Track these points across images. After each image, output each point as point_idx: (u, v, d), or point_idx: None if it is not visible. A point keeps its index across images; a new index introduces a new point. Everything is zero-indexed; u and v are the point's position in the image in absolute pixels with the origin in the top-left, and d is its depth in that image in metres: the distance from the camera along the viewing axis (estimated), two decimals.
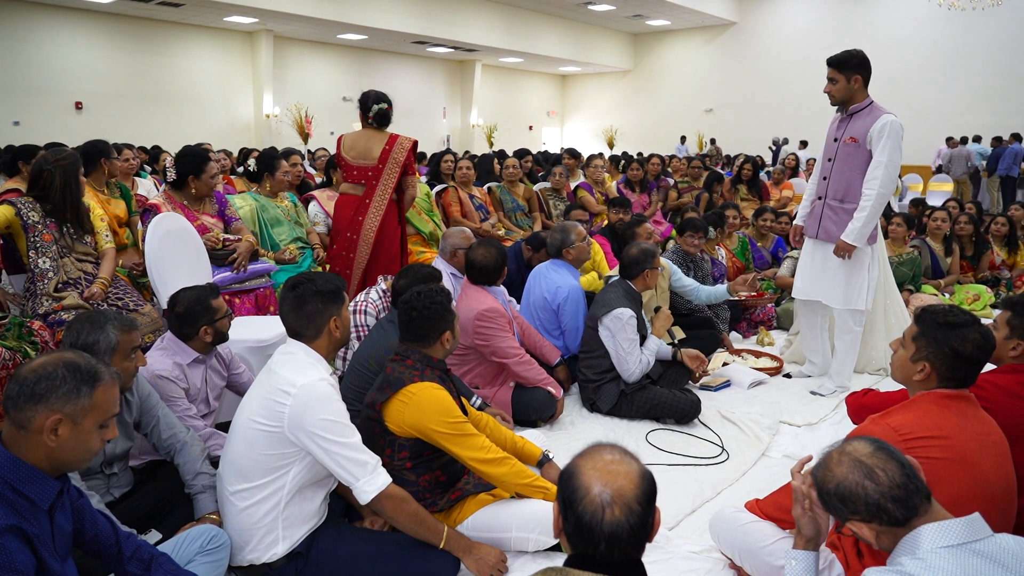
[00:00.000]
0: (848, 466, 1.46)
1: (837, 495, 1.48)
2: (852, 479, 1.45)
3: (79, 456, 1.52)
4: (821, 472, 1.52)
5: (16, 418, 1.45)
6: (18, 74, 13.04)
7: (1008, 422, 1.97)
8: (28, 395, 1.44)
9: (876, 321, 4.34)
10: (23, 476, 1.44)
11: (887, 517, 1.43)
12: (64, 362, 1.49)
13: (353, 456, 2.04)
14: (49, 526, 1.50)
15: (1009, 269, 6.26)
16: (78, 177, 3.27)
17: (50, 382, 1.45)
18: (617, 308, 3.50)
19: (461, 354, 3.49)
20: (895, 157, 3.53)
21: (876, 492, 1.42)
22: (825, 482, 1.50)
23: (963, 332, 1.87)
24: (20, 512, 1.43)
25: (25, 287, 3.25)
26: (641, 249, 3.68)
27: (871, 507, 1.43)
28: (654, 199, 7.35)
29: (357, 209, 4.16)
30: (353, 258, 4.19)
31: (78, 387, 1.47)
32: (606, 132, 22.12)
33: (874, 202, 3.57)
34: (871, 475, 1.43)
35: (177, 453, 2.33)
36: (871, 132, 3.56)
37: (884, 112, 3.59)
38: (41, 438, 1.45)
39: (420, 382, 2.26)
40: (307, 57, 17.31)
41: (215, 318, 2.64)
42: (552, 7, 17.94)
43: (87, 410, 1.48)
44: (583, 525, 1.23)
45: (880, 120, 3.55)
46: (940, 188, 13.24)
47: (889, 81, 16.08)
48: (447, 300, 2.39)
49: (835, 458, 1.50)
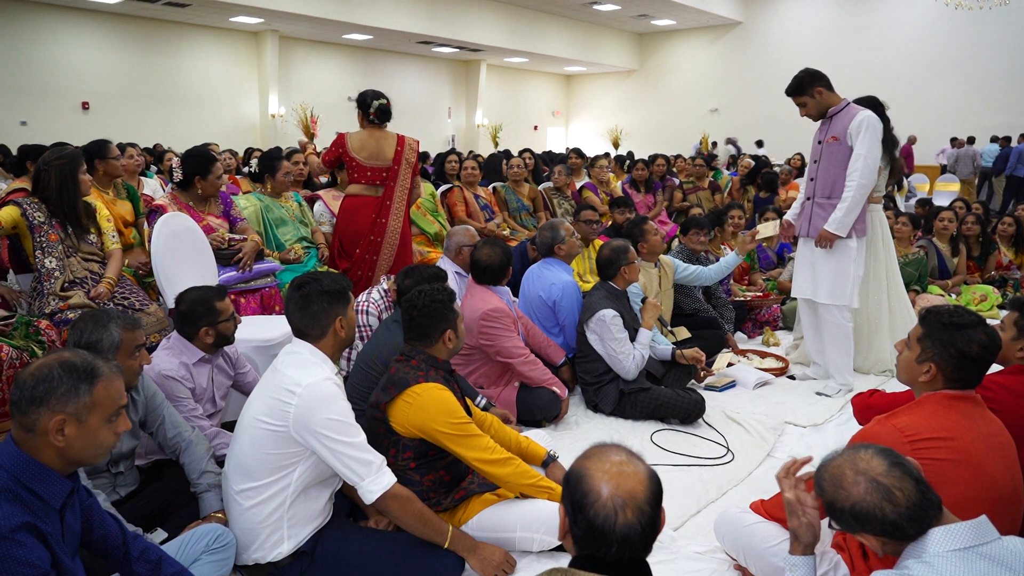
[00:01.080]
0: (865, 487, 1.43)
1: (852, 514, 1.44)
2: (870, 501, 1.42)
3: (92, 452, 1.53)
4: (833, 490, 1.48)
5: (22, 422, 1.47)
6: (25, 74, 13.09)
7: (1014, 423, 1.96)
8: (29, 399, 1.45)
9: (881, 322, 4.33)
10: (36, 475, 1.46)
11: (901, 534, 1.41)
12: (60, 362, 1.49)
13: (358, 456, 2.04)
14: (60, 525, 1.52)
15: (1018, 269, 6.23)
16: (76, 177, 3.23)
17: (48, 384, 1.46)
18: (599, 310, 3.50)
19: (466, 354, 3.49)
20: (874, 150, 3.67)
21: (894, 514, 1.40)
22: (839, 500, 1.46)
23: (969, 333, 1.86)
24: (34, 511, 1.44)
25: (32, 286, 3.26)
26: (612, 248, 3.69)
27: (887, 527, 1.41)
28: (659, 199, 7.34)
29: (379, 211, 4.18)
30: (376, 260, 4.19)
31: (76, 386, 1.48)
32: (611, 132, 22.09)
33: (855, 192, 3.69)
34: (890, 496, 1.40)
35: (182, 452, 2.34)
36: (850, 128, 3.70)
37: (861, 109, 3.74)
38: (49, 439, 1.46)
39: (425, 383, 2.27)
40: (312, 57, 17.33)
41: (217, 320, 2.63)
42: (557, 7, 17.92)
43: (90, 407, 1.49)
44: (595, 529, 1.22)
45: (858, 116, 3.69)
46: (947, 188, 13.19)
47: (895, 80, 16.06)
48: (449, 299, 2.39)
49: (850, 477, 1.45)
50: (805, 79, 3.81)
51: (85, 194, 3.32)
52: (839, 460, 1.49)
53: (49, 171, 3.21)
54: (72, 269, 3.24)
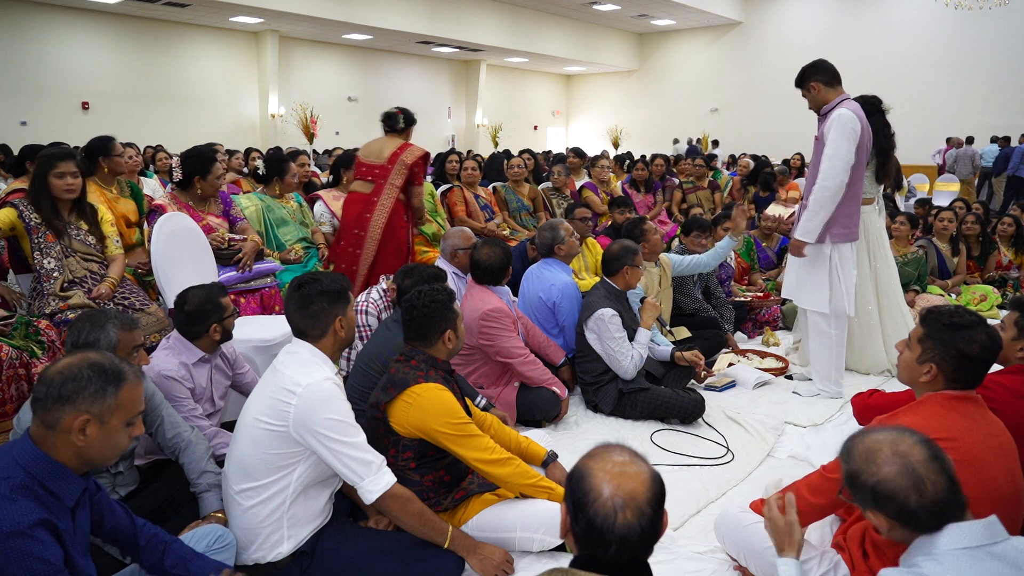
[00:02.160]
0: (898, 469, 1.40)
1: (874, 491, 1.42)
2: (898, 484, 1.39)
3: (107, 454, 1.56)
4: (863, 462, 1.44)
5: (45, 419, 1.49)
6: (25, 74, 13.09)
7: (1015, 423, 1.96)
8: (56, 396, 1.48)
9: (872, 323, 4.32)
10: (53, 474, 1.49)
11: (915, 524, 1.40)
12: (89, 363, 1.52)
13: (358, 456, 2.04)
14: (72, 523, 1.54)
15: (1018, 268, 6.23)
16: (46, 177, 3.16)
17: (77, 383, 1.49)
18: (598, 309, 3.50)
19: (466, 354, 3.49)
20: (840, 149, 3.49)
21: (917, 503, 1.38)
22: (865, 474, 1.43)
23: (969, 333, 1.86)
24: (49, 508, 1.47)
25: (31, 287, 3.26)
26: (621, 246, 3.68)
27: (905, 513, 1.39)
28: (659, 199, 7.34)
29: (365, 206, 4.22)
30: (360, 255, 4.22)
31: (104, 387, 1.51)
32: (611, 132, 22.11)
33: (816, 195, 3.54)
34: (919, 486, 1.38)
35: (182, 452, 2.34)
36: (825, 127, 3.58)
37: (840, 107, 3.56)
38: (70, 437, 1.49)
39: (425, 383, 2.26)
40: (312, 57, 17.33)
41: (224, 316, 2.66)
42: (557, 7, 17.92)
43: (113, 409, 1.52)
44: (594, 528, 1.23)
45: (832, 114, 3.55)
46: (946, 188, 13.19)
47: (895, 80, 16.04)
48: (449, 299, 2.39)
49: (886, 455, 1.42)
50: (806, 72, 3.72)
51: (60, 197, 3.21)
52: (879, 436, 1.46)
53: (35, 171, 3.22)
54: (71, 269, 3.23)
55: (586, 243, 4.91)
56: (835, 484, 1.95)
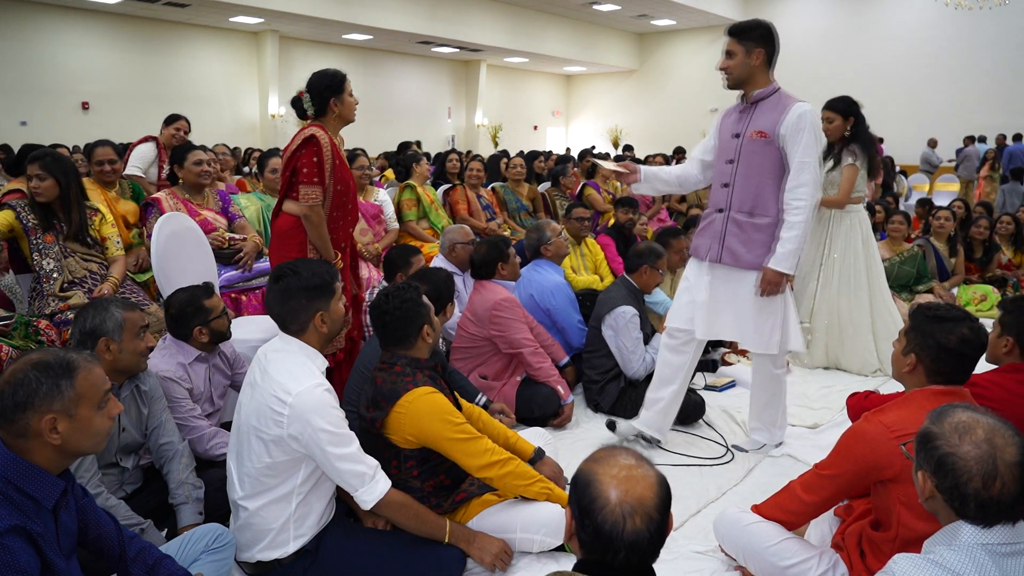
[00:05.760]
0: (981, 455, 1.34)
1: (939, 459, 1.38)
2: (969, 468, 1.34)
3: (91, 441, 1.53)
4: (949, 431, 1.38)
5: (12, 430, 1.45)
6: (25, 75, 13.08)
7: (1012, 421, 1.96)
8: (12, 406, 1.44)
9: (862, 323, 4.32)
10: (26, 475, 1.45)
11: (958, 507, 1.37)
12: (32, 364, 1.47)
13: (351, 468, 2.03)
14: (54, 525, 1.51)
15: (1017, 267, 6.23)
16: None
17: (27, 387, 1.44)
18: (620, 306, 3.50)
19: (474, 346, 3.49)
20: (815, 156, 2.84)
21: (975, 493, 1.34)
22: (944, 441, 1.38)
23: (949, 326, 1.91)
24: (24, 511, 1.43)
25: (31, 287, 3.27)
26: (649, 247, 3.70)
27: (957, 496, 1.36)
28: (658, 198, 7.33)
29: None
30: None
31: (57, 383, 1.47)
32: (611, 132, 22.10)
33: (806, 214, 2.79)
34: (989, 480, 1.33)
35: (168, 460, 2.33)
36: (782, 125, 2.82)
37: (797, 101, 2.86)
38: (44, 439, 1.46)
39: (414, 388, 2.23)
40: (312, 57, 17.31)
41: (208, 318, 2.61)
42: (557, 7, 17.91)
43: (76, 400, 1.48)
44: (602, 535, 1.21)
45: (794, 110, 2.82)
46: (946, 188, 13.18)
47: (895, 81, 16.06)
48: (417, 295, 2.33)
49: (978, 436, 1.36)
50: (758, 29, 2.87)
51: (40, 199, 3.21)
52: (981, 417, 1.41)
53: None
54: (71, 269, 3.24)
55: (586, 242, 4.92)
56: (829, 482, 1.96)
